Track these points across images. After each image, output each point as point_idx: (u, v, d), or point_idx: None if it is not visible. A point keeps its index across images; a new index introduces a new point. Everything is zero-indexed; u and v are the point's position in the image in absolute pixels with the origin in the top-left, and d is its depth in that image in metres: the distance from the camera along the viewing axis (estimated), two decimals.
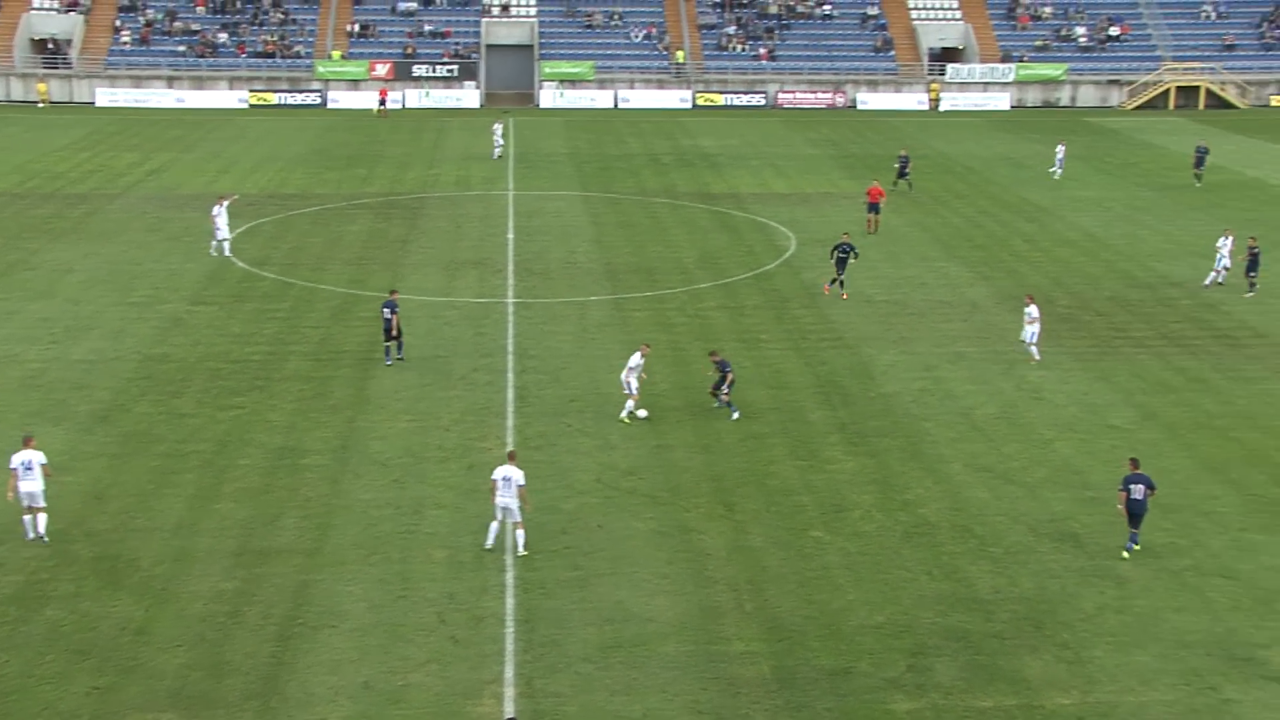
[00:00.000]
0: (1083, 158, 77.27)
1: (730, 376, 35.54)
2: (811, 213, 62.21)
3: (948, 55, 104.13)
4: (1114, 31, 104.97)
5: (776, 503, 30.76)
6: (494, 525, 28.03)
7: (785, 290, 48.70)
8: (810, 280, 49.84)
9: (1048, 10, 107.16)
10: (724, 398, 35.69)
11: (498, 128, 77.68)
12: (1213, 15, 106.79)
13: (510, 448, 30.25)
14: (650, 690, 23.22)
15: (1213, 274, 49.67)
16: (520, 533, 27.91)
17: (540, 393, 37.58)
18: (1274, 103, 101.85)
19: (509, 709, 22.46)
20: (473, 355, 40.76)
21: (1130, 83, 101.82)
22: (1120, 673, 23.97)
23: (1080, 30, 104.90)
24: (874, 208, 58.50)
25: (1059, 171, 71.84)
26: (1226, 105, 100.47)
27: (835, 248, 47.73)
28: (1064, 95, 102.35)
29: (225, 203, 53.24)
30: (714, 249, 54.98)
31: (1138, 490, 27.73)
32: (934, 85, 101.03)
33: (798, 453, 33.65)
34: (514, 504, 27.62)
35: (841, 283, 47.32)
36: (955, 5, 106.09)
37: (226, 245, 52.51)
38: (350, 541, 28.51)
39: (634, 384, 35.61)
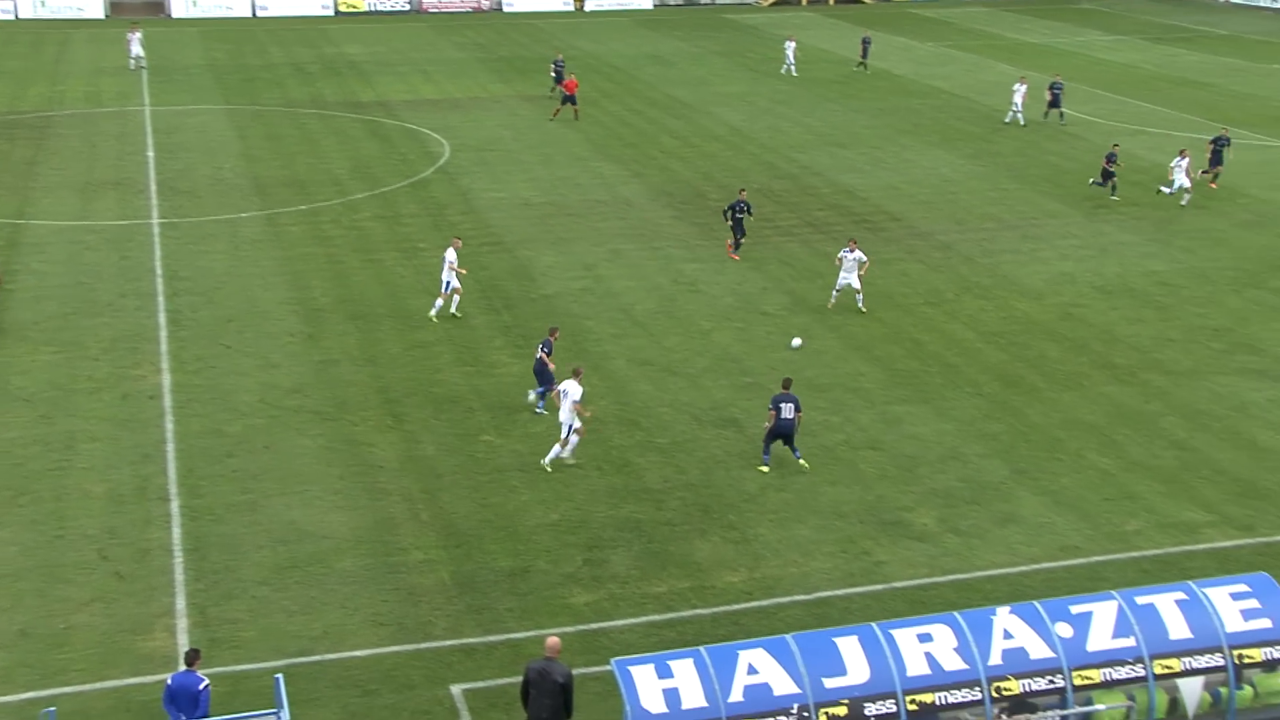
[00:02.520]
0: (725, 54, 79.20)
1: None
2: (464, 118, 61.68)
3: None
4: None
5: (445, 410, 30.71)
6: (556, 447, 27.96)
7: (442, 197, 48.27)
8: (466, 186, 49.56)
9: None
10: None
11: (134, 36, 73.49)
12: None
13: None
14: (330, 607, 22.96)
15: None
16: (574, 439, 27.90)
17: (194, 315, 36.19)
18: None
19: (183, 640, 21.81)
20: (119, 280, 38.82)
21: None
22: (783, 547, 25.15)
23: None
24: (570, 99, 60.93)
25: (791, 68, 73.27)
26: (855, 0, 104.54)
27: (730, 207, 41.83)
28: None
29: None
30: (366, 158, 53.89)
31: (787, 409, 27.71)
32: None
33: (464, 359, 33.62)
34: (569, 418, 27.71)
35: (739, 243, 41.77)
36: None
37: None
38: None
39: (453, 280, 35.66)
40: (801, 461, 28.06)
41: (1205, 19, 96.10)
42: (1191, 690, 18.57)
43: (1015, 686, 17.92)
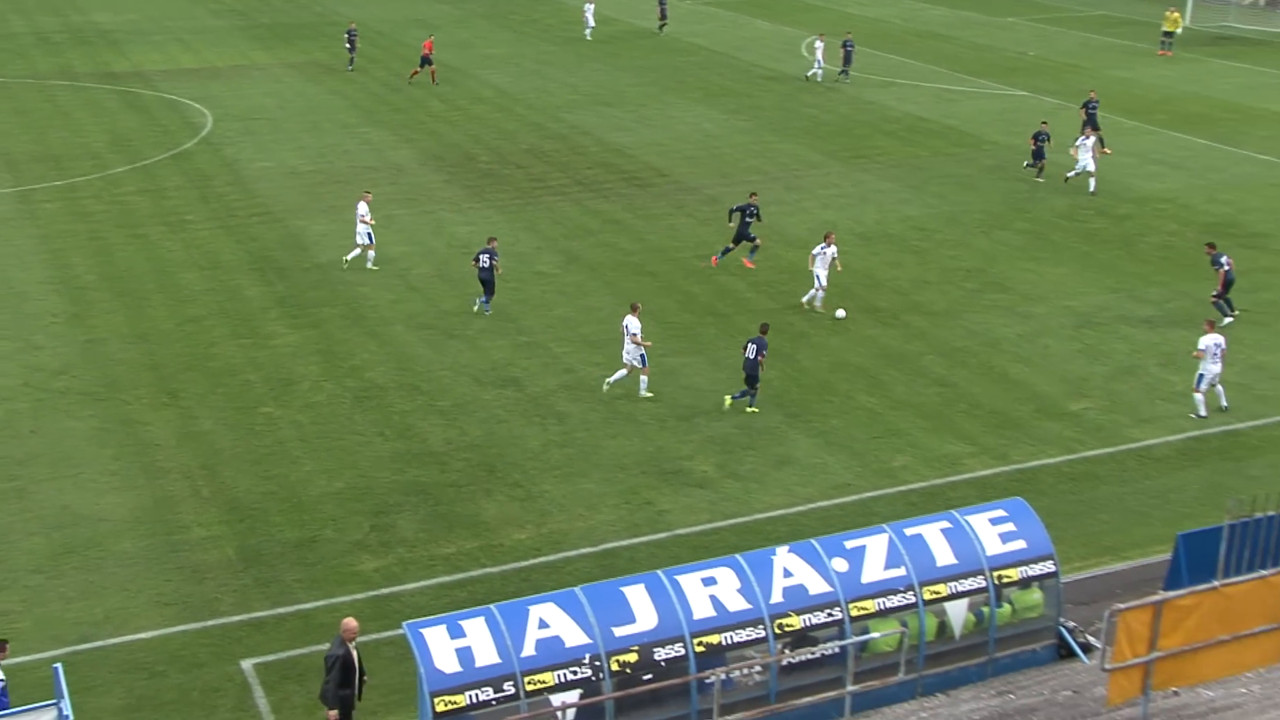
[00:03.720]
0: (488, 16, 78.58)
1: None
2: (225, 87, 59.77)
3: None
4: None
5: (223, 384, 29.88)
6: (620, 372, 29.54)
7: (207, 169, 46.77)
8: (232, 156, 48.13)
9: None
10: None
11: None
12: None
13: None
14: (110, 590, 22.19)
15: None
16: (644, 378, 29.48)
17: None
18: None
19: None
20: None
21: None
22: (568, 502, 25.27)
23: None
24: (426, 60, 60.55)
25: (590, 31, 72.40)
26: None
27: (738, 208, 37.05)
28: None
29: None
30: (125, 131, 51.80)
31: (750, 349, 28.56)
32: None
33: (239, 332, 32.74)
34: (634, 350, 29.39)
35: (730, 250, 37.09)
36: None
37: None
38: None
39: (366, 233, 36.69)
40: (751, 409, 28.84)
41: None
42: (958, 612, 19.37)
43: (797, 622, 18.40)
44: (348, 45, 64.38)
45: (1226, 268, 33.73)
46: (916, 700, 18.77)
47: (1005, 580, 19.50)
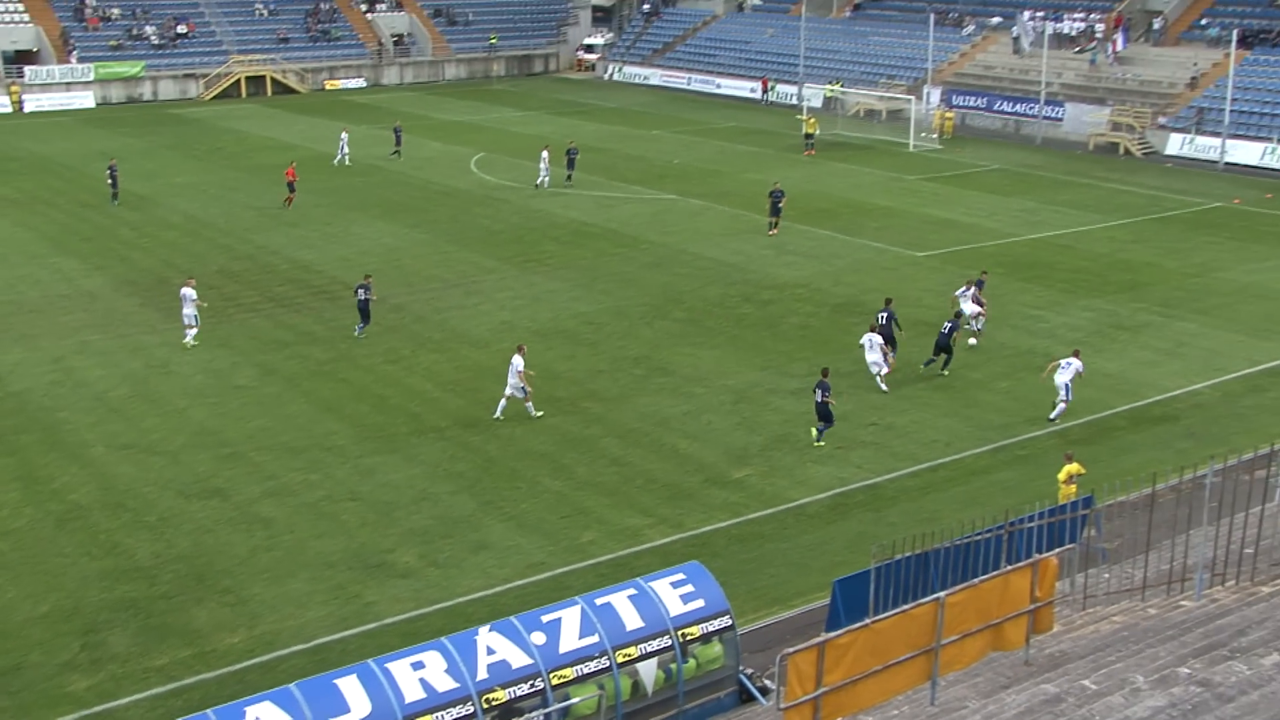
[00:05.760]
0: (173, 147, 76.12)
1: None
2: None
3: (24, 58, 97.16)
4: (182, 29, 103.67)
5: None
6: (502, 401, 33.03)
7: None
8: None
9: (116, 11, 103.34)
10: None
11: None
12: (265, 13, 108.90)
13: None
14: None
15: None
16: (529, 404, 33.14)
17: None
18: (328, 86, 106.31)
19: None
20: None
21: (204, 75, 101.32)
22: (279, 603, 24.37)
23: (150, 29, 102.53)
24: (291, 186, 58.52)
25: (344, 158, 70.07)
26: (290, 90, 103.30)
27: (885, 317, 36.82)
28: (146, 90, 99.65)
29: None
30: None
31: (817, 394, 31.53)
32: (14, 88, 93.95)
33: None
34: (517, 383, 32.84)
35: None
36: (22, 8, 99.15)
37: None
38: None
39: (193, 316, 38.64)
40: (819, 443, 31.40)
41: (595, 95, 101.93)
42: (649, 671, 19.57)
43: (502, 695, 18.22)
44: (109, 180, 60.56)
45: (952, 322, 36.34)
46: None
47: (689, 637, 19.85)
